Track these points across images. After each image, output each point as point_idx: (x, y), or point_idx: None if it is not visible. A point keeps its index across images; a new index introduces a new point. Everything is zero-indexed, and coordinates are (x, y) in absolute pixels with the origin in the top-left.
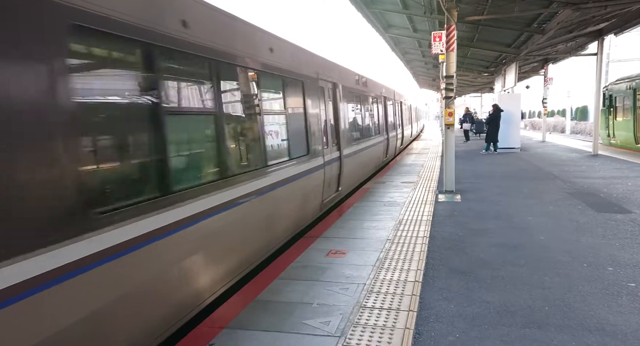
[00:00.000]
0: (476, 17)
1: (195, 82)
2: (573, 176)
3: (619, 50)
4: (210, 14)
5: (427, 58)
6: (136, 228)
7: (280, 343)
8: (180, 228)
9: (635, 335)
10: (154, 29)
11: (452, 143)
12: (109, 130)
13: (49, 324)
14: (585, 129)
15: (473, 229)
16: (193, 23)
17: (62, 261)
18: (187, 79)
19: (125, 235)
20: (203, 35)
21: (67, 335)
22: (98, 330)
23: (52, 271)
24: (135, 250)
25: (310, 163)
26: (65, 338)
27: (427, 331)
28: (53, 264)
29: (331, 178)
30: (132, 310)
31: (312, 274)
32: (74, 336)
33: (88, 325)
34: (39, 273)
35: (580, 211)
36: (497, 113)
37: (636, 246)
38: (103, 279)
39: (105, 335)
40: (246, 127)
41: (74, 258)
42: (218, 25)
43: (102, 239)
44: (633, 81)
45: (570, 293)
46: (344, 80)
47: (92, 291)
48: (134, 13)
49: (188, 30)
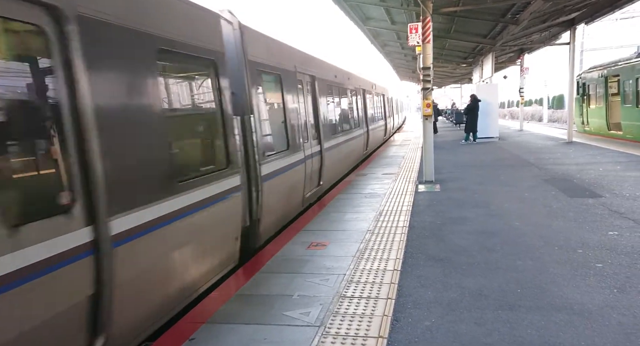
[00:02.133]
0: (451, 9)
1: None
2: (548, 163)
3: (593, 40)
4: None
5: (406, 50)
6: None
7: (260, 335)
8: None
9: (600, 312)
10: None
11: (431, 134)
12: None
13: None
14: (562, 117)
15: (451, 217)
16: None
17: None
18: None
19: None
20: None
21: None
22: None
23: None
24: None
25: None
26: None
27: (405, 318)
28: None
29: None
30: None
31: (293, 267)
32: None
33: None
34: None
35: (554, 197)
36: (475, 103)
37: (604, 228)
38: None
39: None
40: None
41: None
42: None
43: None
44: (605, 69)
45: (541, 275)
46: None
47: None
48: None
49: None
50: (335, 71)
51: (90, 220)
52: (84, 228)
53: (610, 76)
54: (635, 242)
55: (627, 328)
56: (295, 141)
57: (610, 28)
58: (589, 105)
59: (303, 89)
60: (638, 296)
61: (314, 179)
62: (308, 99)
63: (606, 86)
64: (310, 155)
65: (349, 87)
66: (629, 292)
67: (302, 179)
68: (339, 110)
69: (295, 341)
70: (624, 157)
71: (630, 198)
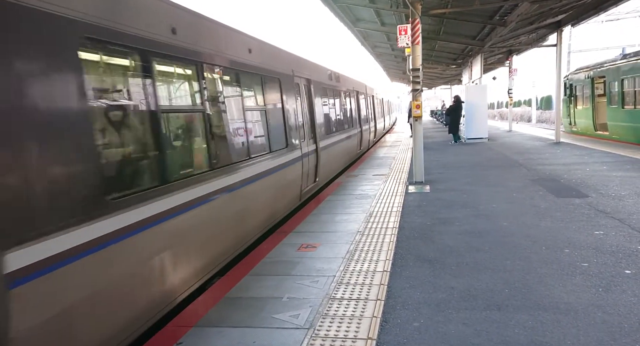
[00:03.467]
0: (440, 11)
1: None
2: (536, 163)
3: (579, 41)
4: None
5: (396, 52)
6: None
7: (249, 338)
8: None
9: (586, 311)
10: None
11: (421, 135)
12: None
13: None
14: (550, 117)
15: (441, 218)
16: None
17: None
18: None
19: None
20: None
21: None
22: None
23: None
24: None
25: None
26: None
27: (394, 319)
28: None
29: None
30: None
31: (283, 269)
32: None
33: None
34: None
35: (542, 197)
36: (458, 104)
37: (591, 228)
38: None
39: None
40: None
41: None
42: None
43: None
44: (591, 70)
45: (529, 275)
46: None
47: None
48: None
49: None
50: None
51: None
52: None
53: (597, 77)
54: (620, 241)
55: (612, 327)
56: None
57: (596, 30)
58: (576, 106)
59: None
60: (622, 295)
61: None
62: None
63: (592, 87)
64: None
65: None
66: (614, 291)
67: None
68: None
69: (285, 343)
70: (610, 157)
71: (615, 198)
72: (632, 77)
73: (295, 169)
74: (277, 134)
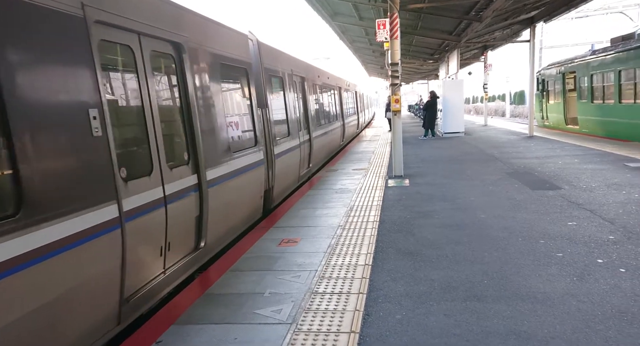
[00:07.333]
0: (418, 5)
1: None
2: (511, 157)
3: (551, 38)
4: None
5: (374, 46)
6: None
7: (230, 335)
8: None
9: (561, 299)
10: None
11: (400, 130)
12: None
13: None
14: (523, 112)
15: (420, 211)
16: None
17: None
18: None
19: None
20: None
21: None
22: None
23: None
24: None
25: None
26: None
27: (376, 312)
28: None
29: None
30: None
31: (264, 265)
32: None
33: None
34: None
35: (517, 190)
36: (433, 100)
37: (564, 219)
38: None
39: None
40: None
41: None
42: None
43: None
44: (562, 65)
45: (506, 266)
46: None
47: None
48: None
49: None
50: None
51: None
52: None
53: (567, 73)
54: (592, 232)
55: (586, 315)
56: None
57: (566, 27)
58: (548, 100)
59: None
60: (595, 283)
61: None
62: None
63: (564, 82)
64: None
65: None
66: (587, 280)
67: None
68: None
69: (267, 339)
70: (580, 150)
71: (587, 190)
72: (601, 73)
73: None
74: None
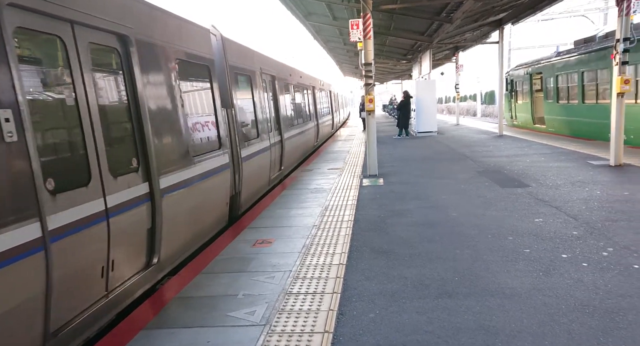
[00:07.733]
0: (390, 6)
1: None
2: (482, 155)
3: (519, 39)
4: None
5: (349, 46)
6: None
7: (202, 338)
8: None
9: (528, 294)
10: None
11: (374, 129)
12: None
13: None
14: (494, 112)
15: (394, 210)
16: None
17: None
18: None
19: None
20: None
21: None
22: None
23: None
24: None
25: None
26: None
27: (350, 311)
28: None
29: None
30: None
31: (238, 266)
32: None
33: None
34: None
35: (487, 188)
36: (407, 100)
37: (531, 216)
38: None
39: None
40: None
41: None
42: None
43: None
44: (529, 66)
45: (476, 262)
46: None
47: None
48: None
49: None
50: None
51: None
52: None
53: (534, 74)
54: (557, 228)
55: (551, 309)
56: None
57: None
58: (516, 100)
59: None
60: (560, 278)
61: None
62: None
63: (531, 83)
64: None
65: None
66: (553, 275)
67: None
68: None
69: (240, 341)
70: (547, 149)
71: (552, 187)
72: (565, 74)
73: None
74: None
